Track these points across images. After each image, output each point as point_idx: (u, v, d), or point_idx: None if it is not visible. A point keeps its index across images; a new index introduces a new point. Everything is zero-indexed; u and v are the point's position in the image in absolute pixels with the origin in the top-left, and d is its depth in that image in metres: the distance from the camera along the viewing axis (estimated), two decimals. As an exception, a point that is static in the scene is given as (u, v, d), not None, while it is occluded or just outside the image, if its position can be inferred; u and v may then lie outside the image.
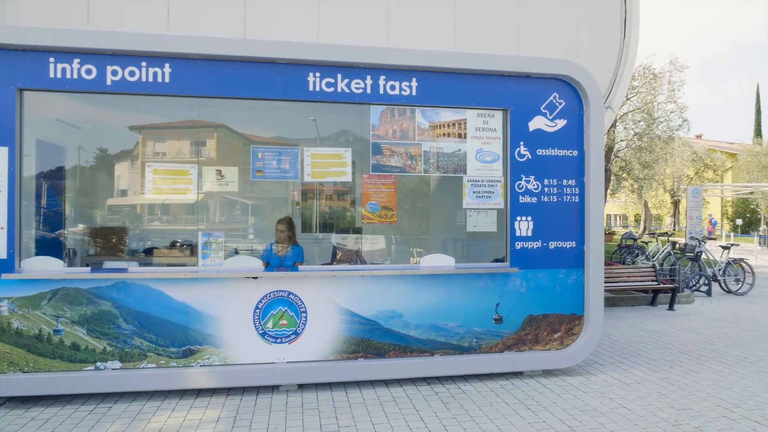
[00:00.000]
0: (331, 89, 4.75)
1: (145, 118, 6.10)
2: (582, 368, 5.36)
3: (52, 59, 4.35)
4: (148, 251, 6.02)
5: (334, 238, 6.13)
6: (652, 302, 9.21)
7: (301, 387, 4.72)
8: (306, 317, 4.70)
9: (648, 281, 8.92)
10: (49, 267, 4.46)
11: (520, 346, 5.04)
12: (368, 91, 4.82)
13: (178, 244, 6.08)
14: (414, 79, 4.87)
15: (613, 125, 15.69)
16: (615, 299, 9.17)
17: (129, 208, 6.55)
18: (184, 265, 5.62)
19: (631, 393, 4.68)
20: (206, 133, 5.90)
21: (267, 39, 5.17)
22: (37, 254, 4.63)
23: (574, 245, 5.14)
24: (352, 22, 7.74)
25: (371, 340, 4.77)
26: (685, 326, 7.49)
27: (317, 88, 4.73)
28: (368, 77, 4.83)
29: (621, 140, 18.12)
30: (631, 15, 8.55)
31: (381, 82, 4.84)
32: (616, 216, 52.89)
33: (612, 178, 18.99)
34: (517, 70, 5.03)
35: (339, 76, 4.77)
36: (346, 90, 4.78)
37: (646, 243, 14.61)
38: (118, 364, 4.41)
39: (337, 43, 7.21)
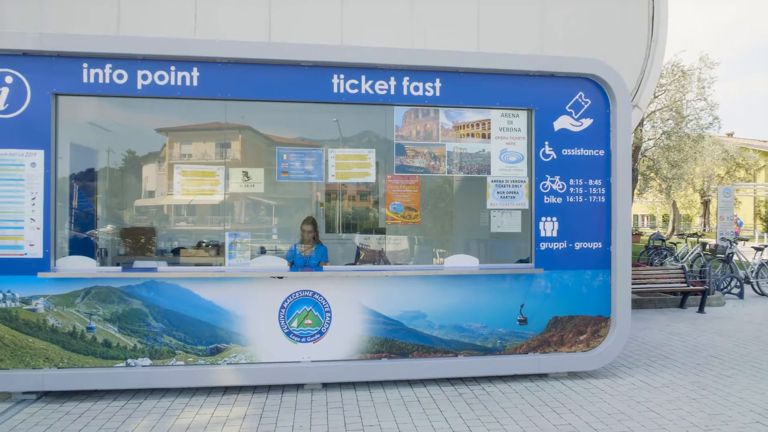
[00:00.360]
0: (355, 91, 4.78)
1: (172, 120, 6.24)
2: (608, 371, 5.28)
3: (85, 65, 4.49)
4: (176, 251, 6.15)
5: (358, 239, 6.16)
6: (681, 304, 9.01)
7: (326, 386, 4.76)
8: (330, 317, 4.74)
9: (677, 283, 8.73)
10: (83, 266, 4.60)
11: (544, 347, 5.00)
12: (392, 92, 4.84)
13: (204, 244, 6.19)
14: (437, 80, 4.87)
15: (641, 124, 15.40)
16: (642, 301, 9.00)
17: (156, 209, 6.70)
18: (210, 264, 5.73)
19: (659, 396, 4.60)
20: (231, 135, 6.00)
21: (292, 42, 5.23)
22: (70, 254, 4.78)
23: (600, 246, 5.07)
24: (376, 22, 7.77)
25: (395, 340, 4.79)
26: (716, 329, 7.31)
27: (341, 90, 4.77)
28: (392, 78, 4.85)
29: (648, 139, 17.78)
30: (658, 11, 8.39)
31: (405, 83, 4.86)
32: (643, 216, 51.84)
33: (639, 177, 18.64)
34: (542, 69, 4.99)
35: (363, 77, 4.80)
36: (370, 91, 4.81)
37: (675, 244, 14.30)
38: (148, 361, 4.52)
39: (360, 44, 7.26)
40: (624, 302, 5.05)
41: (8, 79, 4.38)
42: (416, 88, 4.85)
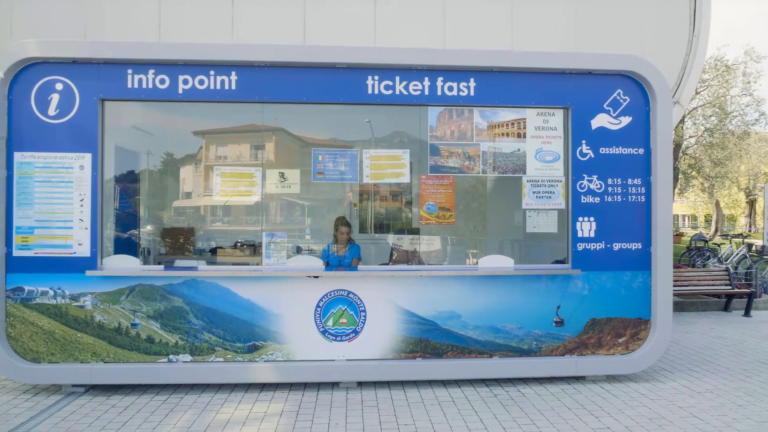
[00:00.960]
0: (390, 92, 4.81)
1: (210, 123, 6.41)
2: (648, 375, 5.15)
3: (129, 71, 4.66)
4: (213, 251, 6.32)
5: (391, 239, 6.20)
6: (726, 308, 8.70)
7: (360, 384, 4.81)
8: (365, 316, 4.78)
9: (721, 285, 8.43)
10: (127, 265, 4.78)
11: (582, 349, 4.91)
12: (426, 92, 4.85)
13: (239, 243, 6.34)
14: (472, 80, 4.85)
15: (682, 121, 14.93)
16: (684, 304, 8.73)
17: (193, 210, 6.89)
18: (247, 264, 5.86)
19: (702, 402, 4.46)
20: (265, 136, 6.11)
21: (327, 45, 5.30)
22: (114, 253, 4.97)
23: (640, 247, 4.96)
24: (409, 23, 7.79)
25: (429, 340, 4.79)
26: (763, 333, 7.03)
27: (376, 91, 4.80)
28: (426, 79, 4.85)
29: (690, 137, 17.22)
30: (701, 4, 8.13)
31: (439, 83, 4.86)
32: (684, 216, 50.18)
33: (680, 176, 18.07)
34: (579, 67, 4.91)
35: (397, 78, 4.82)
36: (404, 92, 4.83)
37: (718, 245, 13.81)
38: (188, 357, 4.65)
39: (393, 44, 7.30)
40: (665, 304, 4.92)
41: (58, 86, 4.59)
42: (450, 88, 4.84)
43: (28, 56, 4.51)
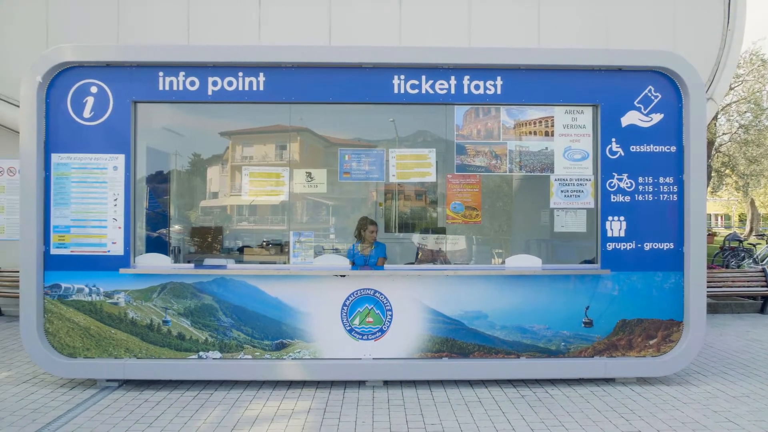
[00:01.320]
0: (416, 91, 4.81)
1: (237, 124, 6.50)
2: (681, 378, 5.04)
3: (161, 73, 4.76)
4: (241, 249, 6.41)
5: (417, 238, 6.19)
6: (762, 310, 8.43)
7: (386, 383, 4.82)
8: (391, 315, 4.79)
9: (757, 286, 8.19)
10: (158, 263, 4.89)
11: (611, 351, 4.83)
12: (452, 91, 4.83)
13: (265, 242, 6.41)
14: (499, 78, 4.81)
15: (715, 118, 14.53)
16: (717, 305, 8.50)
17: (220, 209, 7.00)
18: (274, 263, 5.92)
19: (739, 407, 4.34)
20: (291, 136, 6.18)
21: (353, 45, 5.32)
22: (146, 251, 5.08)
23: (672, 247, 4.84)
24: (434, 22, 7.77)
25: (456, 339, 4.78)
26: (801, 337, 6.80)
27: (402, 91, 4.80)
28: (452, 78, 4.83)
29: (723, 133, 16.75)
30: (736, -3, 7.91)
31: (465, 81, 4.83)
32: (717, 216, 48.80)
33: (713, 174, 17.59)
34: (608, 63, 4.82)
35: (423, 77, 4.81)
36: (431, 91, 4.82)
37: (754, 245, 13.40)
38: (218, 354, 4.74)
39: (418, 43, 7.30)
40: (698, 306, 4.80)
41: (93, 89, 4.72)
42: (477, 87, 4.81)
43: (64, 60, 4.65)
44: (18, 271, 7.08)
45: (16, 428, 3.86)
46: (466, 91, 4.81)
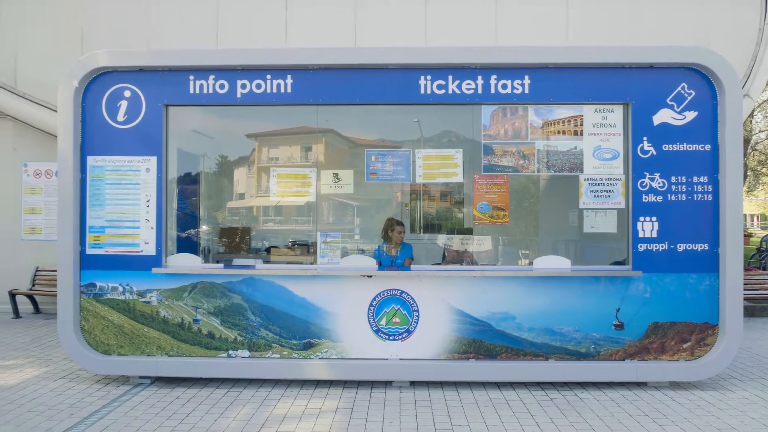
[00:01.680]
0: (442, 91, 4.79)
1: (264, 126, 6.59)
2: (716, 383, 4.90)
3: (191, 77, 4.86)
4: (268, 250, 6.49)
5: (443, 239, 6.17)
6: (802, 313, 8.13)
7: (413, 384, 4.82)
8: (418, 316, 4.79)
9: (796, 289, 7.89)
10: (189, 263, 4.99)
11: (643, 354, 4.73)
12: (479, 91, 4.80)
13: (292, 243, 6.47)
14: (526, 77, 4.76)
15: (751, 115, 14.07)
16: (754, 309, 8.22)
17: (247, 210, 7.10)
18: (301, 263, 5.98)
19: (778, 413, 4.20)
20: (316, 138, 6.23)
21: (379, 46, 5.33)
22: (177, 252, 5.19)
23: (706, 248, 4.71)
24: (460, 22, 7.74)
25: (483, 341, 4.74)
26: None
27: (428, 91, 4.80)
28: (479, 77, 4.80)
29: (760, 131, 16.21)
30: (774, -10, 7.66)
31: (492, 81, 4.80)
32: (753, 216, 47.24)
33: (749, 173, 17.04)
34: (639, 60, 4.72)
35: (450, 77, 4.80)
36: (457, 91, 4.80)
37: (793, 246, 12.92)
38: (247, 353, 4.81)
39: (444, 43, 7.27)
40: (735, 309, 4.66)
41: (127, 93, 4.85)
42: (504, 86, 4.77)
43: (99, 66, 4.79)
44: (55, 270, 7.33)
45: (55, 422, 3.99)
46: (493, 91, 4.78)
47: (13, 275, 7.96)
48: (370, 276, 4.83)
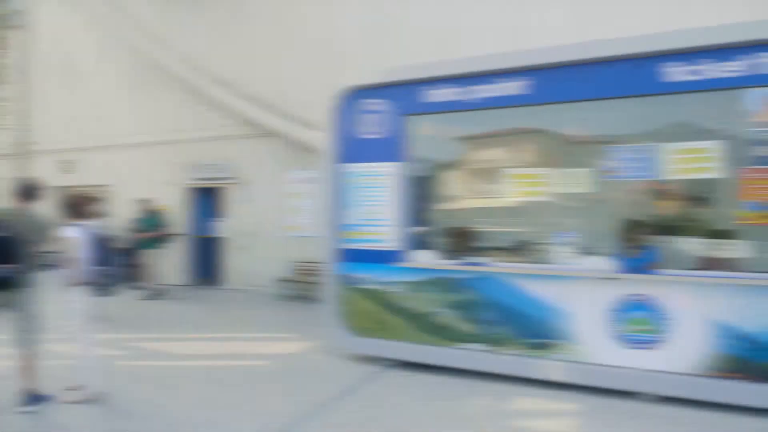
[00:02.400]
0: (694, 77, 4.32)
1: (493, 128, 6.71)
2: None
3: (429, 88, 5.28)
4: (500, 249, 6.58)
5: (696, 242, 5.49)
6: None
7: (661, 399, 4.42)
8: (668, 325, 4.39)
9: None
10: (429, 259, 5.41)
11: None
12: (744, 72, 4.19)
13: (524, 242, 6.44)
14: (812, 50, 3.99)
15: None
16: None
17: (477, 211, 7.29)
18: (534, 263, 5.95)
19: None
20: (542, 137, 6.12)
21: (621, 36, 4.99)
22: (415, 248, 5.65)
23: None
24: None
25: (753, 360, 4.12)
26: None
27: (676, 79, 4.37)
28: (742, 57, 4.19)
29: None
30: None
31: (762, 59, 4.14)
32: None
33: None
34: None
35: (702, 61, 4.30)
36: (712, 76, 4.27)
37: None
38: (481, 347, 5.01)
39: (687, 25, 6.47)
40: None
41: (375, 107, 5.50)
42: (780, 64, 4.08)
43: (353, 85, 5.54)
44: (311, 262, 8.63)
45: (326, 385, 4.73)
46: (765, 71, 4.12)
47: (280, 266, 9.58)
48: (612, 279, 4.59)
